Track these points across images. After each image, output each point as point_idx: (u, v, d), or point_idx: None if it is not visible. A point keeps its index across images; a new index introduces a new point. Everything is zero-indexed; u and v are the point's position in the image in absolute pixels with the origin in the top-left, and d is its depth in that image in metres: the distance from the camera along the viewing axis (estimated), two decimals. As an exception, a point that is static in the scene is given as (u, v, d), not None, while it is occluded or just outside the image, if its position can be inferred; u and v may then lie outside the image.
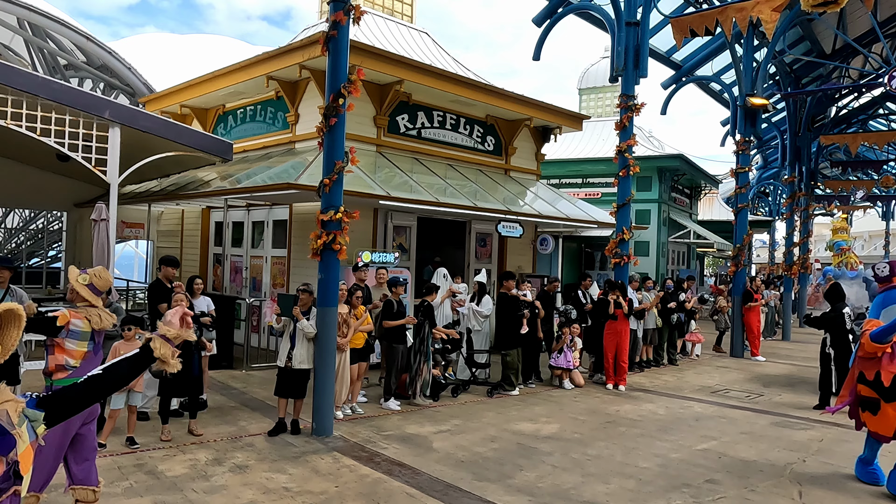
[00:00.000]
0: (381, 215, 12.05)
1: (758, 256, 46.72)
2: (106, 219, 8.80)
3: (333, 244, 6.95)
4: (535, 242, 15.47)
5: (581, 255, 23.41)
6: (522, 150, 15.20)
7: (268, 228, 12.69)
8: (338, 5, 6.88)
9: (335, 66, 6.95)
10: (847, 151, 22.83)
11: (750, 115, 14.53)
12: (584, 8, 12.01)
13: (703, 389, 10.62)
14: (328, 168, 7.01)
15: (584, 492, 5.62)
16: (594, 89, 26.35)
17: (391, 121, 12.40)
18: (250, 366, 10.60)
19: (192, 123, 14.51)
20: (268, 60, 11.62)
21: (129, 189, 14.22)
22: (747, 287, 14.84)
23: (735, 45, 14.55)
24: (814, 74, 19.50)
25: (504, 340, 9.70)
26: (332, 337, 7.12)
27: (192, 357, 6.83)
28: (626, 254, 10.63)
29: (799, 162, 19.86)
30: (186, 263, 14.97)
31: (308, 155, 10.91)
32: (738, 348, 14.66)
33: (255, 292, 12.75)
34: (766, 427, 8.18)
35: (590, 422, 8.18)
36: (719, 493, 5.69)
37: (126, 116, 9.29)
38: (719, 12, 9.61)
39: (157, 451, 6.27)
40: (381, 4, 15.94)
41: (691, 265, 26.86)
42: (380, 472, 5.93)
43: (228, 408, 8.13)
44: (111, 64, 17.42)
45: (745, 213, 15.07)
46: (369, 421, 7.80)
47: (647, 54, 10.67)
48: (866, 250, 42.33)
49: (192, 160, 11.66)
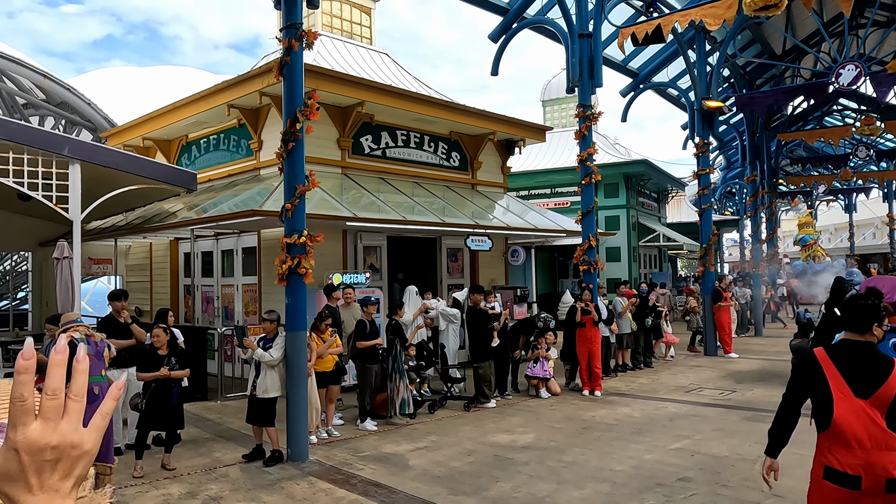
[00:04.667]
0: (351, 236, 12.09)
1: (730, 255, 47.49)
2: (69, 256, 8.72)
3: (299, 268, 6.97)
4: (506, 255, 15.59)
5: (554, 265, 23.63)
6: (488, 164, 15.37)
7: (237, 256, 12.63)
8: (290, 31, 6.97)
9: (291, 91, 7.02)
10: (807, 148, 23.49)
11: (707, 117, 14.89)
12: (537, 22, 12.26)
13: (677, 389, 10.76)
14: (290, 192, 7.05)
15: (559, 499, 5.67)
16: (557, 100, 26.75)
17: (355, 142, 12.47)
18: (225, 396, 10.50)
19: (156, 155, 14.45)
20: (228, 89, 11.65)
21: (95, 225, 14.07)
22: (717, 286, 15.10)
23: (688, 50, 14.93)
24: (767, 76, 20.05)
25: (476, 353, 9.76)
26: (303, 361, 7.12)
27: (170, 390, 6.77)
28: (593, 261, 10.78)
29: (759, 161, 20.34)
30: (157, 296, 14.82)
31: (273, 181, 10.93)
32: (712, 347, 14.87)
33: (227, 321, 12.66)
34: (737, 422, 8.32)
35: (566, 429, 8.25)
36: (691, 491, 5.78)
37: (86, 152, 9.25)
38: (663, 19, 9.91)
39: (129, 487, 6.19)
40: (340, 28, 16.09)
41: (664, 268, 27.23)
42: (356, 493, 5.92)
43: (203, 439, 8.05)
44: (70, 101, 17.30)
45: (709, 214, 15.37)
46: (345, 443, 7.78)
47: (601, 64, 10.92)
48: (832, 243, 43.25)
49: (157, 192, 11.61)
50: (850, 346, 3.19)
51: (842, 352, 3.19)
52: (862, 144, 22.05)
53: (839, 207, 36.51)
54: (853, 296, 3.36)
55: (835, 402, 3.10)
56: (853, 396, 3.05)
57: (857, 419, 3.05)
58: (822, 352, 3.24)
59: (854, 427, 3.05)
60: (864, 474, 3.00)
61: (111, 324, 7.54)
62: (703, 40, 14.77)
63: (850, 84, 12.46)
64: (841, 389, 3.09)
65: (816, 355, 3.25)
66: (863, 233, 40.47)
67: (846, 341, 3.24)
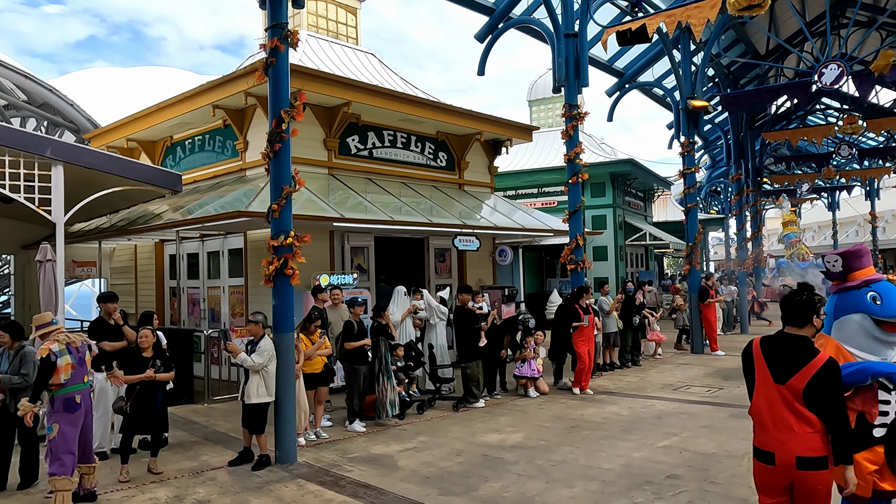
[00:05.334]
0: (338, 237, 12.04)
1: (715, 253, 47.88)
2: (52, 259, 8.61)
3: (285, 269, 6.93)
4: (493, 254, 15.60)
5: (542, 264, 23.68)
6: (475, 164, 15.37)
7: (223, 258, 12.54)
8: (275, 31, 6.93)
9: (276, 91, 6.98)
10: (790, 146, 23.70)
11: (692, 117, 14.98)
12: (524, 22, 12.28)
13: (665, 388, 10.82)
14: (276, 193, 7.01)
15: (549, 498, 5.68)
16: (543, 100, 26.84)
17: (342, 142, 12.43)
18: (212, 398, 10.42)
19: (140, 157, 14.32)
20: (213, 89, 11.57)
21: (78, 227, 13.91)
22: (703, 284, 15.20)
23: (673, 50, 15.02)
24: (751, 75, 20.22)
25: (464, 353, 9.75)
26: (291, 363, 7.08)
27: (155, 393, 6.68)
28: (580, 260, 10.80)
29: (744, 159, 20.50)
30: (142, 298, 14.69)
31: (259, 182, 10.86)
32: (698, 345, 14.97)
33: (214, 323, 12.56)
34: (725, 419, 8.37)
35: (555, 428, 8.26)
36: (680, 488, 5.81)
37: (69, 154, 9.14)
38: (648, 19, 9.97)
39: (115, 492, 6.12)
40: (326, 28, 16.03)
41: (650, 266, 27.38)
42: (345, 495, 5.89)
43: (190, 443, 7.98)
44: (53, 102, 17.10)
45: (694, 213, 15.47)
46: (334, 445, 7.74)
47: (587, 64, 10.97)
48: (816, 241, 43.72)
49: (142, 194, 11.50)
50: (784, 337, 3.53)
51: (774, 342, 3.54)
52: (845, 143, 22.30)
53: (822, 205, 36.91)
54: (789, 293, 3.63)
55: (756, 387, 3.56)
56: (772, 382, 3.45)
57: (768, 402, 3.47)
58: (757, 342, 3.60)
59: (764, 409, 3.49)
60: (776, 451, 3.42)
61: (102, 326, 7.47)
62: (688, 40, 14.87)
63: (833, 83, 12.59)
64: (763, 375, 3.50)
65: (752, 345, 3.63)
66: (846, 230, 40.94)
67: (781, 333, 3.57)
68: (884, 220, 36.26)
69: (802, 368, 3.36)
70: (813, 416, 3.35)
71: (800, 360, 3.39)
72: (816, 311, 3.50)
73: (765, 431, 3.50)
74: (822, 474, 3.36)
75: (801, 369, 3.36)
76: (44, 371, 5.48)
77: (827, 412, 3.34)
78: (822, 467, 3.35)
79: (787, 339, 3.53)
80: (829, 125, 21.22)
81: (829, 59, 12.99)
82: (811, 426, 3.35)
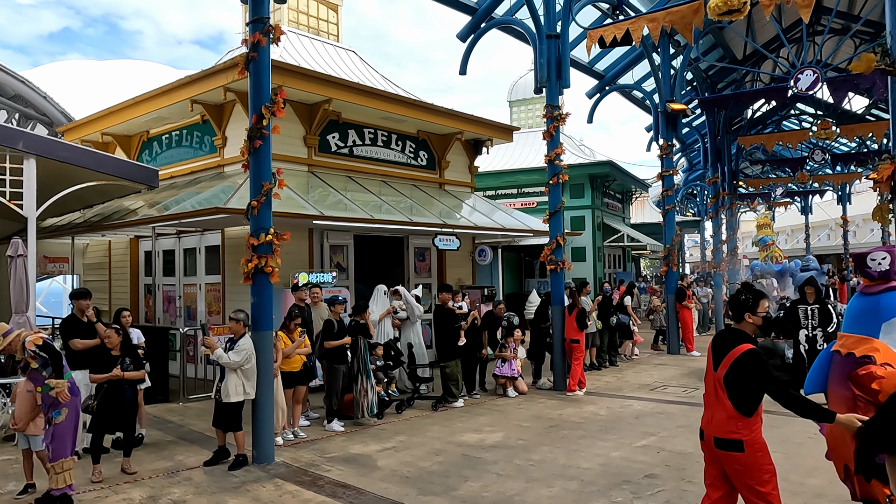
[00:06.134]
0: (317, 235, 11.95)
1: (690, 255, 48.42)
2: (23, 254, 8.42)
3: (265, 267, 6.84)
4: (473, 254, 15.61)
5: (521, 264, 23.75)
6: (455, 163, 15.36)
7: (200, 255, 12.38)
8: (256, 26, 6.84)
9: (257, 87, 6.90)
10: (765, 151, 24.05)
11: (671, 120, 15.12)
12: (506, 22, 12.28)
13: (642, 388, 10.90)
14: (255, 190, 6.92)
15: (528, 497, 5.68)
16: (523, 101, 26.92)
17: (322, 140, 12.33)
18: (187, 397, 10.27)
19: (115, 151, 14.08)
20: (191, 84, 11.40)
21: (51, 222, 13.64)
22: (680, 285, 15.35)
23: (653, 53, 15.15)
24: (728, 79, 20.48)
25: (443, 352, 9.73)
26: (269, 362, 6.99)
27: (123, 392, 6.57)
28: (560, 260, 10.84)
29: (720, 163, 20.74)
30: (116, 295, 14.44)
31: (238, 178, 10.73)
32: (675, 345, 15.12)
33: (189, 321, 12.40)
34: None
35: (534, 428, 8.28)
36: (658, 487, 5.85)
37: (42, 147, 8.96)
38: (631, 23, 10.02)
39: (87, 493, 5.99)
40: (307, 24, 15.90)
41: (627, 267, 27.61)
42: (323, 495, 5.83)
43: (165, 442, 7.85)
44: (25, 94, 16.75)
45: (672, 215, 15.62)
46: (312, 444, 7.68)
47: (569, 65, 10.99)
48: (789, 244, 44.42)
49: (117, 189, 11.31)
50: (727, 331, 3.89)
51: (719, 336, 3.91)
52: (818, 148, 22.68)
53: (796, 209, 37.50)
54: (734, 292, 3.96)
55: (705, 374, 3.96)
56: (712, 370, 3.84)
57: (708, 387, 3.89)
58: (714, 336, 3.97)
59: (705, 393, 3.93)
60: (704, 430, 3.86)
61: (74, 323, 7.32)
62: (668, 44, 15.00)
63: (809, 89, 12.76)
64: (709, 364, 3.90)
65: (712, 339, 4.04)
66: (818, 234, 41.64)
67: (727, 327, 3.97)
68: (854, 225, 36.96)
69: (724, 357, 3.72)
70: (727, 401, 3.68)
71: (726, 350, 3.74)
72: (750, 309, 3.79)
73: (704, 412, 3.92)
74: (736, 456, 3.68)
75: (724, 358, 3.72)
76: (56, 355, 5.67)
77: (740, 398, 3.65)
78: (735, 449, 3.67)
79: (726, 333, 3.89)
80: (803, 130, 21.53)
81: (805, 65, 13.18)
82: (726, 411, 3.69)
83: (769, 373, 3.60)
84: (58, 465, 5.51)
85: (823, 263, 34.22)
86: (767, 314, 3.80)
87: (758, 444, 3.68)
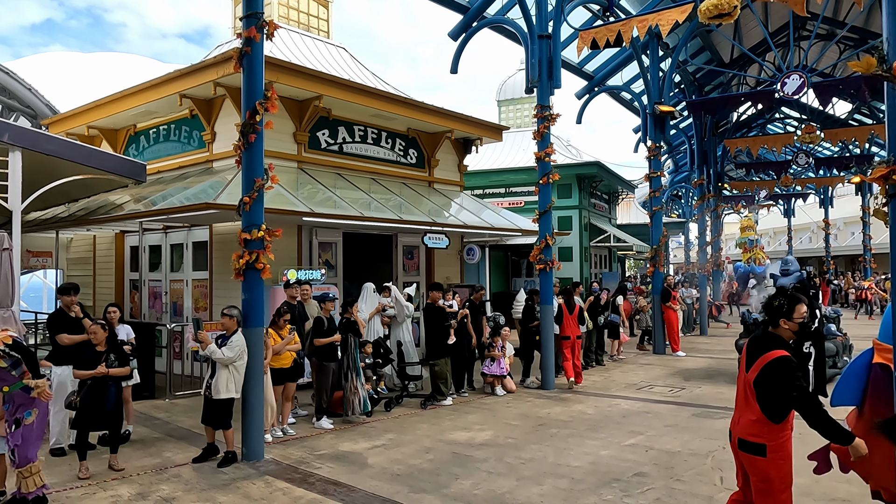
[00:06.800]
0: (306, 232, 11.90)
1: (675, 257, 48.80)
2: (9, 248, 8.27)
3: (256, 263, 6.81)
4: (461, 253, 15.63)
5: (508, 264, 23.81)
6: (445, 162, 15.36)
7: (187, 251, 12.28)
8: (251, 21, 6.80)
9: (250, 82, 6.86)
10: (750, 154, 24.32)
11: (659, 121, 15.23)
12: (497, 22, 12.30)
13: (629, 387, 10.99)
14: (248, 186, 6.88)
15: (519, 495, 5.71)
16: (512, 101, 26.98)
17: (312, 136, 12.28)
18: (174, 394, 10.19)
19: (101, 145, 13.91)
20: (181, 78, 11.30)
21: (35, 216, 13.45)
22: (665, 286, 15.48)
23: (642, 55, 15.25)
24: (715, 82, 20.68)
25: (432, 351, 9.74)
26: (260, 358, 6.96)
27: (107, 389, 6.47)
28: (549, 260, 10.89)
29: (706, 165, 20.95)
30: (101, 291, 14.29)
31: (227, 174, 10.66)
32: (660, 345, 15.24)
33: (176, 317, 12.30)
34: (688, 419, 8.54)
35: (522, 426, 8.31)
36: (647, 486, 5.90)
37: (27, 140, 8.83)
38: (622, 24, 10.08)
39: (74, 489, 5.93)
40: (297, 20, 15.82)
41: (613, 268, 27.78)
42: (314, 492, 5.82)
43: (152, 439, 7.79)
44: (9, 85, 16.51)
45: (659, 216, 15.74)
46: (301, 442, 7.65)
47: (560, 66, 11.03)
48: (772, 246, 44.96)
49: (103, 183, 11.18)
50: (763, 335, 3.87)
51: (754, 340, 3.89)
52: (802, 152, 22.97)
53: (778, 212, 37.94)
54: (769, 297, 3.94)
55: (738, 375, 4.00)
56: (744, 372, 3.86)
57: (739, 388, 3.92)
58: (749, 338, 3.98)
59: (736, 394, 3.96)
60: (732, 430, 3.92)
61: (62, 318, 7.23)
62: (657, 46, 15.11)
63: (795, 93, 12.93)
64: (742, 366, 3.91)
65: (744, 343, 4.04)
66: (800, 237, 42.19)
67: (764, 332, 3.92)
68: (836, 228, 37.50)
69: (756, 361, 3.73)
70: (756, 404, 3.70)
71: (759, 354, 3.74)
72: (786, 314, 3.77)
73: (734, 413, 3.96)
74: (757, 459, 3.70)
75: (756, 361, 3.73)
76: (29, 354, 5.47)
77: (769, 403, 3.65)
78: (757, 453, 3.69)
79: (762, 337, 3.86)
80: (788, 134, 21.81)
81: (791, 69, 13.35)
82: (754, 414, 3.71)
83: (797, 382, 3.56)
84: (25, 471, 5.28)
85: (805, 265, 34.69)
86: (804, 319, 3.74)
87: (782, 451, 3.68)
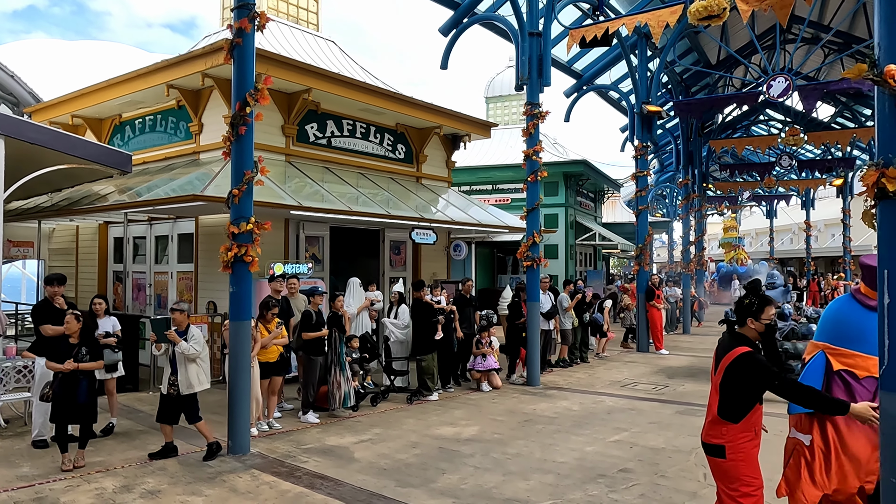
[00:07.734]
0: (293, 226, 11.84)
1: (658, 256, 49.18)
2: (-9, 237, 8.17)
3: (245, 256, 6.77)
4: (448, 249, 15.64)
5: (494, 260, 23.87)
6: (433, 157, 15.36)
7: (172, 243, 12.17)
8: (242, 12, 6.75)
9: (241, 74, 6.81)
10: (734, 154, 24.57)
11: (646, 121, 15.33)
12: (488, 18, 12.31)
13: (613, 384, 11.07)
14: (237, 178, 6.84)
15: (506, 490, 5.74)
16: (500, 98, 26.99)
17: (300, 130, 12.22)
18: (157, 386, 10.04)
19: (86, 134, 13.74)
20: (168, 68, 11.19)
21: (16, 205, 13.25)
22: (650, 285, 15.60)
23: (631, 55, 15.33)
24: (702, 83, 20.84)
25: (419, 346, 9.75)
26: (246, 352, 6.93)
27: (79, 382, 6.32)
28: (537, 257, 10.93)
29: (692, 165, 21.11)
30: (83, 282, 14.13)
31: (214, 165, 10.58)
32: (644, 343, 15.37)
33: (160, 310, 12.19)
34: (672, 416, 8.63)
35: (508, 422, 8.35)
36: (632, 481, 5.96)
37: (10, 127, 8.69)
38: (613, 24, 10.13)
39: (58, 482, 5.87)
40: (286, 12, 15.71)
41: (598, 266, 27.94)
42: (301, 486, 5.81)
43: (136, 431, 7.74)
44: (-9, 72, 16.24)
45: (645, 215, 15.85)
46: (288, 436, 7.63)
47: (550, 64, 11.06)
48: (754, 246, 45.45)
49: (87, 173, 11.05)
50: (729, 335, 3.81)
51: (720, 342, 3.85)
52: (785, 154, 23.23)
53: (761, 213, 38.37)
54: (740, 296, 3.86)
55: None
56: (713, 374, 3.83)
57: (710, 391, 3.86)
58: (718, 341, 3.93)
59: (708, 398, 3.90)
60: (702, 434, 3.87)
61: (46, 309, 7.15)
62: (645, 46, 15.20)
63: (780, 95, 13.05)
64: (712, 368, 3.88)
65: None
66: (781, 238, 42.65)
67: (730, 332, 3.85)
68: (816, 230, 37.97)
69: (720, 362, 3.71)
70: (716, 406, 3.71)
71: (723, 354, 3.71)
72: (754, 314, 3.71)
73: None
74: (718, 461, 3.70)
75: (720, 363, 3.71)
76: None
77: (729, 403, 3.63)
78: (717, 454, 3.69)
79: (727, 337, 3.81)
80: (772, 136, 22.05)
81: (777, 72, 13.48)
82: (713, 415, 3.74)
83: (769, 370, 3.51)
84: None
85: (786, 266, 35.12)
86: (772, 321, 3.68)
87: (741, 452, 3.61)
